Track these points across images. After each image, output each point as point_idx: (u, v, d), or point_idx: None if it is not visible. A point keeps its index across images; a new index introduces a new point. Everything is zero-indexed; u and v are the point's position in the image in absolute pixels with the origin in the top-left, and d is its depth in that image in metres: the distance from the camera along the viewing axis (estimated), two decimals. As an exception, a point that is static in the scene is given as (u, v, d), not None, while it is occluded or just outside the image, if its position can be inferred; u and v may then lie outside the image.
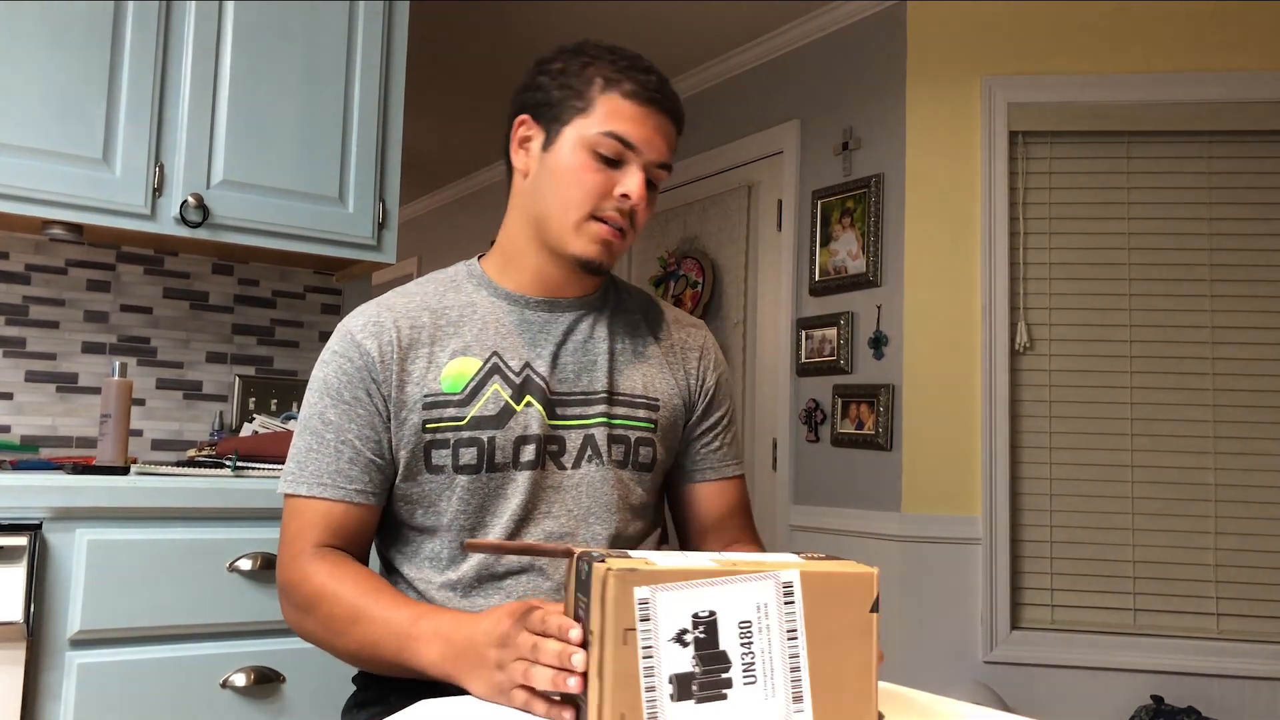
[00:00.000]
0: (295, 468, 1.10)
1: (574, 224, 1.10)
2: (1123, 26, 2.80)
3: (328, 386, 1.10)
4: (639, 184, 1.09)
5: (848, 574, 0.79)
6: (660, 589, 0.73)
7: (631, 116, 1.09)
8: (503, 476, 1.10)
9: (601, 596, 0.73)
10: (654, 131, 1.10)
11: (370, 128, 2.14)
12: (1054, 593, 2.74)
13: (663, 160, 1.12)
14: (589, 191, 1.09)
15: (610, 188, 1.09)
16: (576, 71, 1.12)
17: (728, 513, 1.26)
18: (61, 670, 1.54)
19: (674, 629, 0.73)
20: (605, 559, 0.75)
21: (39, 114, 1.82)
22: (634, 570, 0.73)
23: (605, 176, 1.09)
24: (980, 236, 2.82)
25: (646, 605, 0.73)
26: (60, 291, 2.14)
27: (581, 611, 0.77)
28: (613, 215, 1.10)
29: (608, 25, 3.36)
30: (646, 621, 0.73)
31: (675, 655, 0.73)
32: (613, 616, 0.72)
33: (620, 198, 1.09)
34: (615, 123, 1.08)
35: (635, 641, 0.72)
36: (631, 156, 1.09)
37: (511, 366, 1.12)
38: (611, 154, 1.09)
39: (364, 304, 1.16)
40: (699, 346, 1.26)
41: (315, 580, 1.04)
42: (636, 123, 1.09)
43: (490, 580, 1.10)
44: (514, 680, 0.83)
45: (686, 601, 0.74)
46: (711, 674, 0.74)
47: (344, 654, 1.03)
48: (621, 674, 0.72)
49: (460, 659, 0.90)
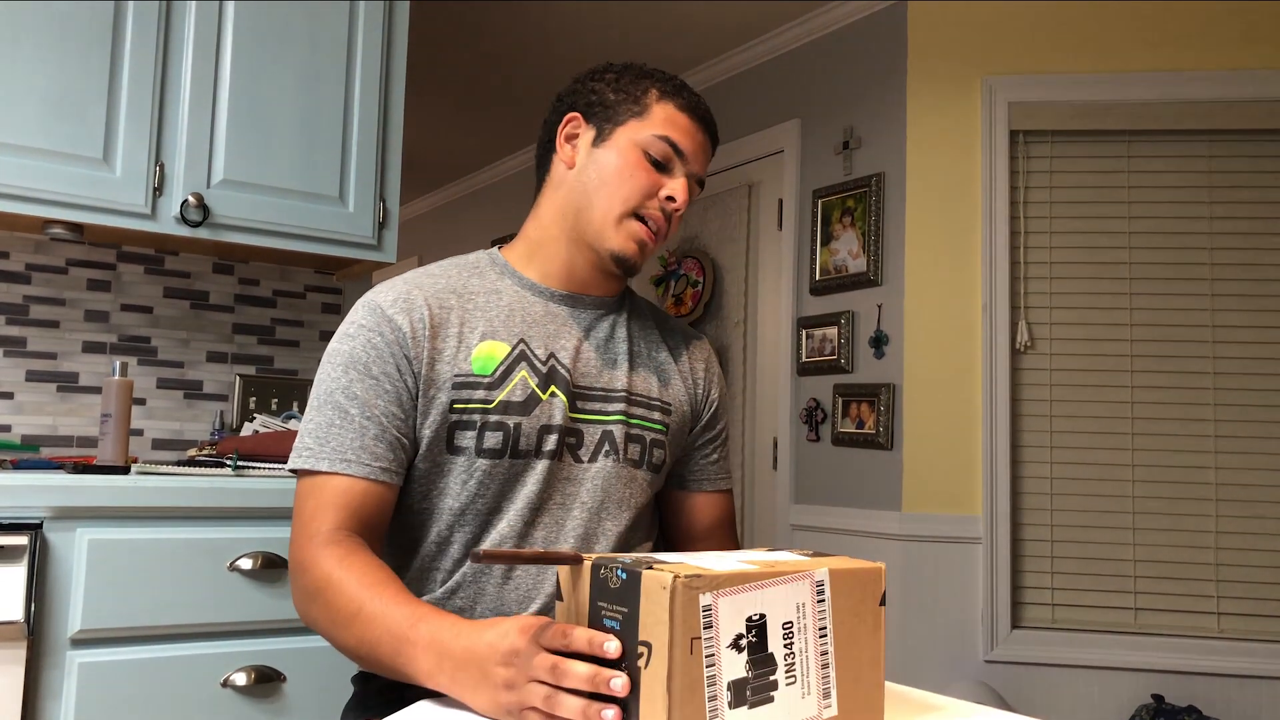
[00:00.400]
0: (314, 443, 1.05)
1: (616, 218, 1.13)
2: (1123, 25, 2.80)
3: (354, 360, 1.07)
4: (684, 189, 1.13)
5: (864, 569, 0.80)
6: (721, 595, 0.71)
7: (684, 127, 1.14)
8: (523, 464, 1.10)
9: (670, 605, 0.68)
10: (700, 146, 1.16)
11: (370, 127, 2.14)
12: (1055, 592, 2.74)
13: (701, 175, 1.17)
14: (635, 188, 1.12)
15: (656, 189, 1.13)
16: (632, 81, 1.17)
17: (717, 524, 1.29)
18: (62, 669, 1.54)
19: (731, 634, 0.71)
20: (653, 565, 0.72)
21: (40, 113, 1.82)
22: (697, 576, 0.69)
23: (653, 178, 1.13)
24: (981, 235, 2.82)
25: (710, 612, 0.70)
26: (61, 291, 2.14)
27: (612, 623, 0.73)
28: (655, 215, 1.13)
29: (608, 25, 3.36)
30: (709, 629, 0.70)
31: (732, 661, 0.71)
32: (681, 626, 0.68)
33: (665, 200, 1.13)
34: (669, 129, 1.13)
35: (700, 650, 0.69)
36: (679, 164, 1.14)
37: (538, 355, 1.12)
38: (661, 157, 1.13)
39: (388, 280, 1.14)
40: (704, 359, 1.30)
41: (323, 567, 0.99)
42: (688, 134, 1.15)
43: (499, 570, 1.09)
44: (526, 703, 0.77)
45: (741, 605, 0.72)
46: (761, 677, 0.73)
47: (345, 649, 0.99)
48: (688, 684, 0.69)
49: (459, 672, 0.84)
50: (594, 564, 0.75)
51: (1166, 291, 2.75)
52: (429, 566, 1.12)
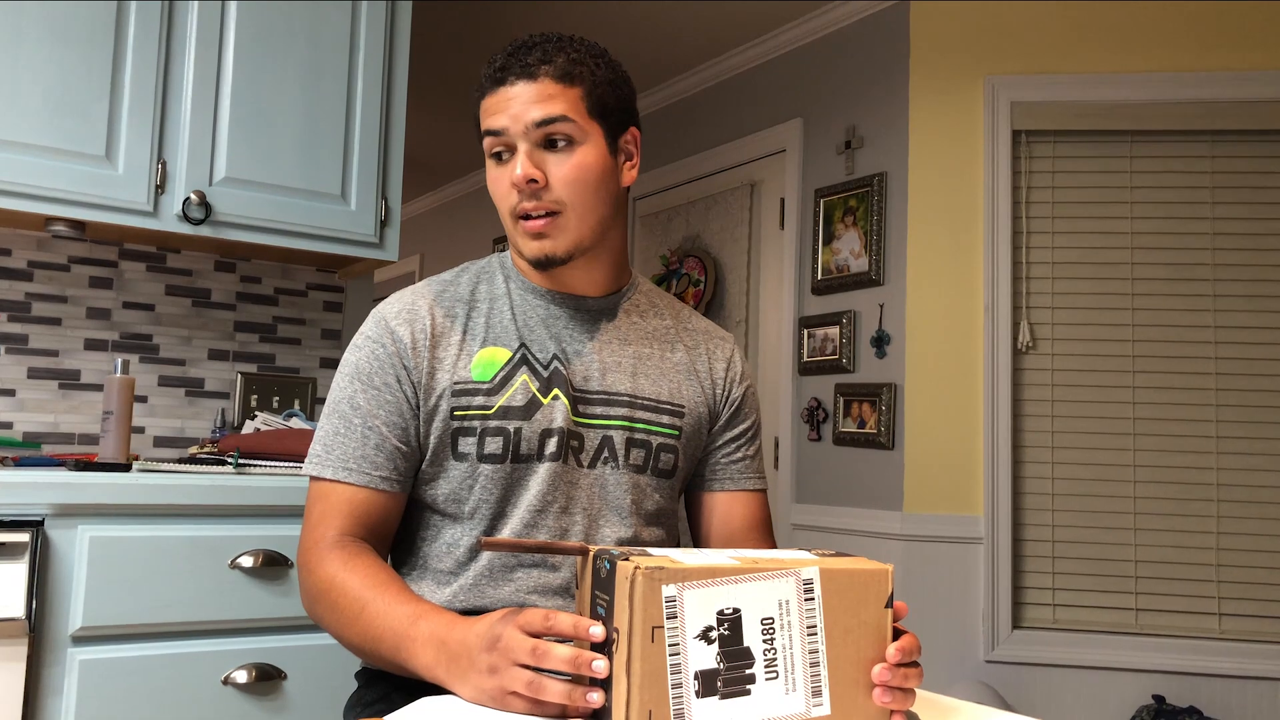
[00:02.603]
0: (322, 450, 1.09)
1: (512, 230, 1.11)
2: (1126, 25, 2.79)
3: (359, 371, 1.10)
4: (518, 164, 1.05)
5: (864, 570, 0.80)
6: (687, 586, 0.74)
7: (490, 107, 1.07)
8: (526, 468, 1.10)
9: (629, 594, 0.72)
10: (509, 102, 1.05)
11: (373, 125, 2.14)
12: (1056, 592, 2.74)
13: (537, 119, 1.05)
14: (498, 197, 1.10)
15: (508, 183, 1.08)
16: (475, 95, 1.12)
17: (745, 525, 1.24)
18: (63, 666, 1.54)
19: (700, 626, 0.74)
20: (629, 557, 0.75)
21: (42, 111, 1.82)
22: (661, 568, 0.73)
23: (501, 177, 1.09)
24: (983, 235, 2.82)
25: (674, 603, 0.73)
26: (63, 288, 2.14)
27: (602, 610, 0.76)
28: (523, 207, 1.07)
29: (608, 25, 3.36)
30: (674, 619, 0.73)
31: (701, 652, 0.74)
32: (641, 614, 0.72)
33: (512, 187, 1.07)
34: (485, 120, 1.08)
35: (663, 639, 0.73)
36: (509, 142, 1.07)
37: (540, 359, 1.12)
38: (495, 149, 1.08)
39: (400, 291, 1.16)
40: (726, 358, 1.25)
41: (328, 568, 1.03)
42: (492, 109, 1.07)
43: (502, 572, 1.09)
44: (508, 688, 0.79)
45: (712, 599, 0.74)
46: (735, 670, 0.75)
47: (350, 645, 1.03)
48: (649, 671, 0.72)
49: (453, 664, 0.87)
50: (593, 555, 0.79)
51: (1168, 292, 2.74)
52: (434, 569, 1.12)
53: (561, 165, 1.06)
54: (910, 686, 0.81)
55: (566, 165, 1.06)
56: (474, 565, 1.10)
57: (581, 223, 1.09)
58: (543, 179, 1.06)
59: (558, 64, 1.06)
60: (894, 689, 0.80)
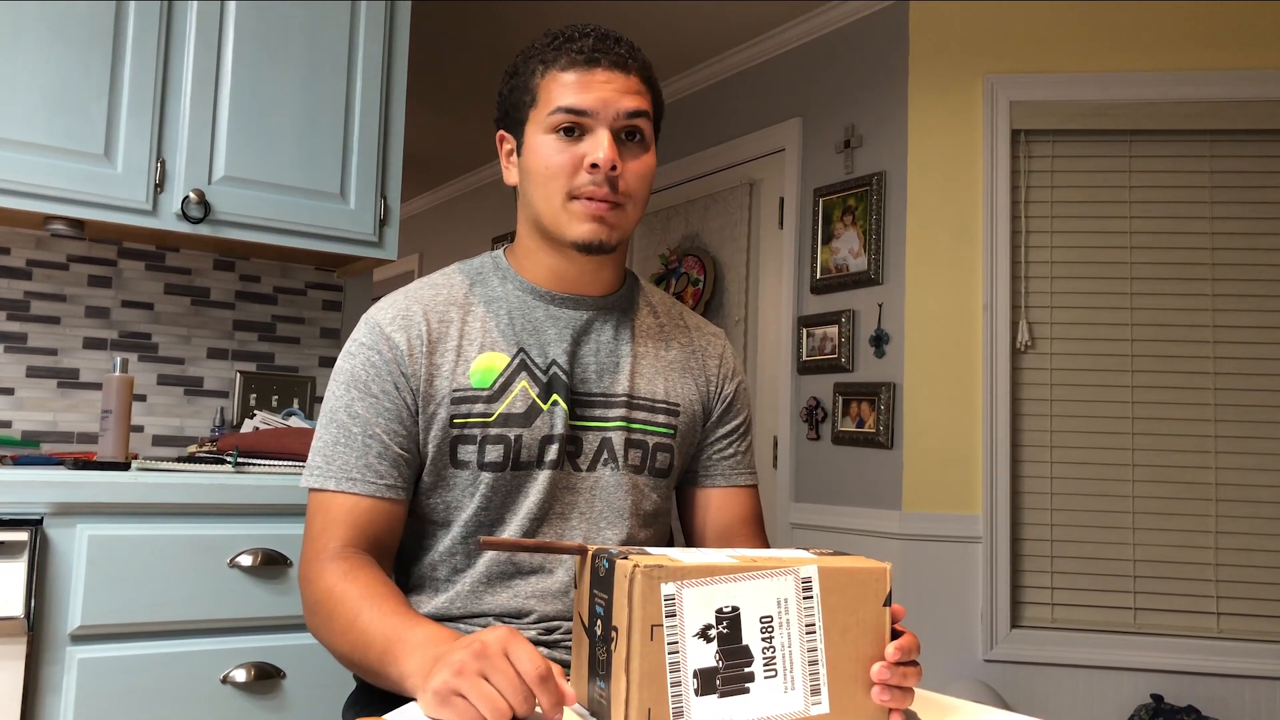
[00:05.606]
0: (322, 461, 1.07)
1: (559, 209, 1.07)
2: (1125, 24, 2.79)
3: (355, 379, 1.08)
4: (603, 145, 1.04)
5: (862, 569, 0.81)
6: (685, 585, 0.74)
7: (573, 84, 1.06)
8: (525, 475, 1.09)
9: (628, 592, 0.73)
10: (602, 86, 1.05)
11: (372, 124, 2.14)
12: (1054, 591, 2.74)
13: (628, 109, 1.06)
14: (557, 171, 1.06)
15: (579, 162, 1.05)
16: (523, 70, 1.11)
17: (736, 521, 1.24)
18: (62, 665, 1.54)
19: (699, 624, 0.74)
20: (628, 555, 0.75)
21: (41, 109, 1.82)
22: (660, 566, 0.73)
23: (570, 152, 1.06)
24: (982, 235, 2.82)
25: (672, 601, 0.73)
26: (61, 287, 2.14)
27: (600, 608, 0.77)
28: (590, 189, 1.05)
29: (609, 23, 3.35)
30: (672, 617, 0.73)
31: (700, 650, 0.74)
32: (639, 612, 0.73)
33: (590, 169, 1.05)
34: (560, 98, 1.06)
35: (661, 637, 0.73)
36: (589, 123, 1.05)
37: (538, 363, 1.11)
38: (566, 125, 1.05)
39: (390, 295, 1.14)
40: (718, 354, 1.25)
41: (327, 580, 1.00)
42: (579, 87, 1.05)
43: (500, 579, 1.09)
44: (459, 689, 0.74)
45: (711, 597, 0.75)
46: (734, 668, 0.75)
47: (340, 654, 0.99)
48: (648, 669, 0.72)
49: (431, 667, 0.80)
50: (592, 554, 0.80)
51: (1167, 291, 2.75)
52: (433, 577, 1.12)
53: (635, 160, 1.08)
54: (909, 685, 0.82)
55: (639, 161, 1.09)
56: (471, 571, 1.10)
57: (634, 219, 1.11)
58: (621, 168, 1.06)
59: (642, 63, 1.10)
60: (893, 688, 0.80)
